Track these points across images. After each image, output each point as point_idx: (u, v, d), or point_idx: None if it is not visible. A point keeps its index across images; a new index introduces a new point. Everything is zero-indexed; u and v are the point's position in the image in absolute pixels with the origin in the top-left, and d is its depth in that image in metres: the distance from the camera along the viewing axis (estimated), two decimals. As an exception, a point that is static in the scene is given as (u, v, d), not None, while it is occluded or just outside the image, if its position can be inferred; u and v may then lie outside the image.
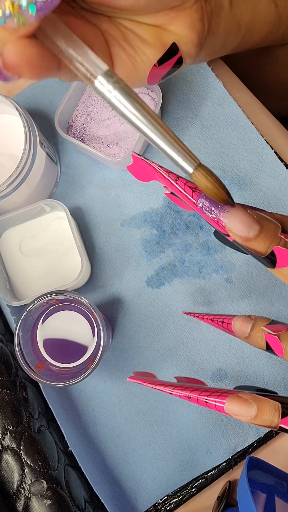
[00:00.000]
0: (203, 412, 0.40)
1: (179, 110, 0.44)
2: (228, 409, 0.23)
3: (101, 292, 0.43)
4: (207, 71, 0.44)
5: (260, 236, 0.21)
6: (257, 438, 0.39)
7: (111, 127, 0.43)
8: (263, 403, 0.22)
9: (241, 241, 0.22)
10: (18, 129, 0.39)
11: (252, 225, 0.21)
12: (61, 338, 0.38)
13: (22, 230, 0.43)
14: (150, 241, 0.43)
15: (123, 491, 0.40)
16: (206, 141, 0.43)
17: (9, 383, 0.37)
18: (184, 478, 0.39)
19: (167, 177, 0.23)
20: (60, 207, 0.40)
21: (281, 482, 0.34)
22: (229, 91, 0.44)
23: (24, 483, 0.35)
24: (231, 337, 0.40)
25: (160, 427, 0.40)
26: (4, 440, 0.35)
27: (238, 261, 0.41)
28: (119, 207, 0.44)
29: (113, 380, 0.41)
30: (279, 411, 0.22)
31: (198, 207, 0.22)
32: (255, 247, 0.22)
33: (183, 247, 0.42)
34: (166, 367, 0.41)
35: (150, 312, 0.42)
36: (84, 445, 0.40)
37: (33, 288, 0.42)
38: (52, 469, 0.36)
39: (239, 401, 0.23)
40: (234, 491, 0.39)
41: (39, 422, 0.38)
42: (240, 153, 0.43)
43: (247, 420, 0.23)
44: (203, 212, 0.22)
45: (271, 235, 0.21)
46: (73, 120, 0.44)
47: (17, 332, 0.34)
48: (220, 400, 0.23)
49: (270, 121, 0.44)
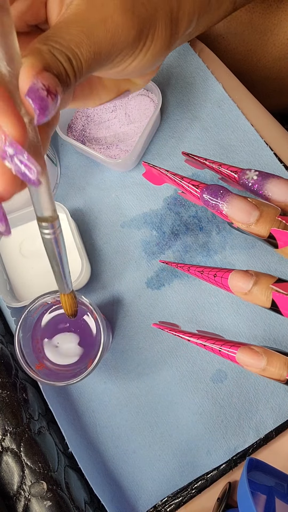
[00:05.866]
0: (203, 414, 0.40)
1: (178, 112, 0.44)
2: (239, 358, 0.24)
3: (101, 293, 0.43)
4: (207, 73, 0.44)
5: (260, 221, 0.23)
6: (257, 439, 0.39)
7: (111, 128, 0.43)
8: (274, 356, 0.24)
9: (244, 227, 0.24)
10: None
11: (252, 212, 0.23)
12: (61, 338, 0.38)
13: (22, 231, 0.43)
14: (150, 242, 0.43)
15: (123, 493, 0.40)
16: (206, 142, 0.43)
17: (9, 385, 0.37)
18: (184, 479, 0.39)
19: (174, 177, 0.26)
20: (60, 208, 0.40)
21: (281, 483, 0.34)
22: (229, 93, 0.44)
23: (24, 484, 0.35)
24: (232, 337, 0.40)
25: (160, 428, 0.40)
26: (4, 441, 0.35)
27: (238, 262, 0.42)
28: (119, 208, 0.44)
29: (113, 381, 0.41)
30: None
31: (203, 200, 0.25)
32: (256, 231, 0.24)
33: (183, 248, 0.42)
34: (166, 368, 0.41)
35: (150, 313, 0.42)
36: (84, 446, 0.40)
37: (33, 289, 0.42)
38: (52, 471, 0.36)
39: (251, 352, 0.24)
40: (234, 493, 0.39)
41: (39, 424, 0.38)
42: (240, 155, 0.43)
43: (257, 371, 0.24)
44: (207, 204, 0.25)
45: (271, 218, 0.23)
46: (73, 121, 0.44)
47: (18, 332, 0.34)
48: (233, 350, 0.24)
49: (270, 123, 0.44)
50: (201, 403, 0.40)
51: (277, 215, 0.23)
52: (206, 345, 0.26)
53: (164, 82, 0.44)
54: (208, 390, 0.40)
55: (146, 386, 0.41)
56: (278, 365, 0.23)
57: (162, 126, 0.44)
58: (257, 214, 0.23)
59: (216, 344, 0.26)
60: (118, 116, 0.43)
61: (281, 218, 0.23)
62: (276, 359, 0.24)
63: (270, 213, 0.23)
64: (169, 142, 0.44)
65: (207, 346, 0.26)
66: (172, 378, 0.41)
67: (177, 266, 0.31)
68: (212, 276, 0.27)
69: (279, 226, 0.23)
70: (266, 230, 0.23)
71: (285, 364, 0.23)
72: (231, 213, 0.24)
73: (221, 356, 0.25)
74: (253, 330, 0.40)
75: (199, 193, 0.25)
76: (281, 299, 0.23)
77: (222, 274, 0.26)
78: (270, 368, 0.23)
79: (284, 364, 0.23)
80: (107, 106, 0.43)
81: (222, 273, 0.26)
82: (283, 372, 0.23)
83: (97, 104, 0.29)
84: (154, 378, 0.41)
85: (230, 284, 0.25)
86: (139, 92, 0.43)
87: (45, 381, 0.34)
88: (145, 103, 0.42)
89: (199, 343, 0.26)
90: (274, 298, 0.24)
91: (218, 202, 0.24)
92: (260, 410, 0.39)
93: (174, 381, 0.41)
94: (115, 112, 0.43)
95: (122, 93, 0.29)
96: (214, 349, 0.26)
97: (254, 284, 0.24)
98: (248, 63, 0.52)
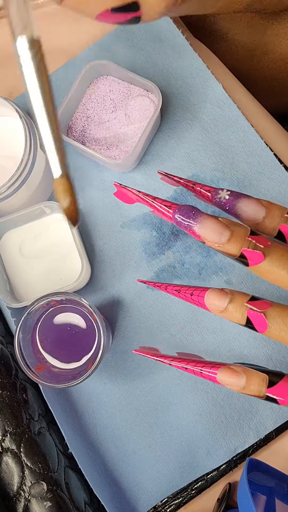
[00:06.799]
0: (203, 414, 0.40)
1: (178, 112, 0.44)
2: (220, 379, 0.25)
3: (101, 293, 0.43)
4: (207, 74, 0.44)
5: (231, 240, 0.24)
6: (257, 439, 0.39)
7: (111, 129, 0.43)
8: (252, 374, 0.25)
9: (215, 247, 0.24)
10: (19, 131, 0.39)
11: (223, 232, 0.24)
12: (61, 339, 0.38)
13: (22, 232, 0.43)
14: (150, 243, 0.43)
15: (123, 493, 0.40)
16: (206, 143, 0.43)
17: (9, 385, 0.37)
18: (184, 480, 0.39)
19: (146, 198, 0.27)
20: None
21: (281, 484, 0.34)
22: (229, 94, 0.44)
23: (24, 485, 0.35)
24: (231, 339, 0.40)
25: (160, 428, 0.40)
26: (4, 442, 0.35)
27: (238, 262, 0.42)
28: (119, 209, 0.44)
29: (113, 382, 0.41)
30: (266, 382, 0.24)
31: (175, 220, 0.25)
32: (228, 251, 0.24)
33: (183, 249, 0.42)
34: (166, 368, 0.41)
35: (150, 314, 0.42)
36: (84, 447, 0.40)
37: (33, 290, 0.42)
38: (52, 471, 0.36)
39: (230, 372, 0.25)
40: (234, 493, 0.39)
41: (39, 424, 0.38)
42: (240, 155, 0.43)
43: (237, 390, 0.25)
44: (180, 225, 0.25)
45: (241, 238, 0.24)
46: (73, 122, 0.44)
47: (17, 333, 0.34)
48: (213, 370, 0.25)
49: (270, 123, 0.44)
50: (201, 404, 0.40)
51: (247, 234, 0.24)
52: (188, 368, 0.27)
53: (164, 83, 0.44)
54: (208, 390, 0.40)
55: (146, 386, 0.41)
56: (257, 382, 0.24)
57: (162, 126, 0.44)
58: (228, 234, 0.24)
59: (196, 367, 0.26)
60: (118, 116, 0.43)
61: (251, 238, 0.24)
62: (255, 376, 0.25)
63: (240, 232, 0.24)
64: (169, 143, 0.44)
65: (189, 369, 0.27)
66: (172, 378, 0.41)
67: (154, 285, 0.31)
68: (189, 295, 0.27)
69: (249, 246, 0.24)
70: (237, 250, 0.24)
71: (263, 381, 0.24)
72: (203, 233, 0.24)
73: (203, 377, 0.26)
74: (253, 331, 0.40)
75: (172, 213, 0.26)
76: (255, 317, 0.24)
77: (198, 293, 0.27)
78: (250, 386, 0.24)
79: (262, 381, 0.24)
80: (107, 107, 0.43)
81: (199, 291, 0.27)
82: (261, 389, 0.24)
83: (98, 10, 0.27)
84: (154, 379, 0.41)
85: (207, 302, 0.26)
86: (139, 93, 0.43)
87: (45, 383, 0.34)
88: (145, 104, 0.42)
89: (181, 366, 0.27)
90: (248, 315, 0.25)
91: (190, 222, 0.25)
92: (260, 411, 0.40)
93: (174, 381, 0.41)
94: (115, 113, 0.43)
95: (129, 2, 0.27)
96: (196, 371, 0.26)
97: (229, 302, 0.25)
98: (248, 63, 0.52)
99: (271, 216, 0.25)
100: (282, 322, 0.24)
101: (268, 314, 0.24)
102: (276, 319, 0.24)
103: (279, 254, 0.24)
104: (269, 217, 0.25)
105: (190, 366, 0.27)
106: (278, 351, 0.40)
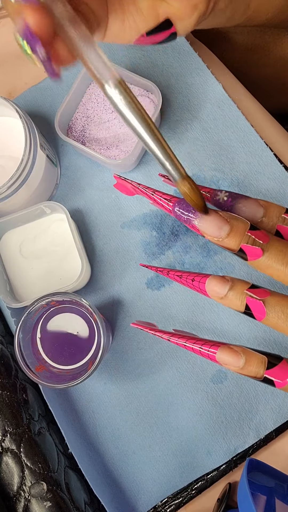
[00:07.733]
0: (203, 414, 0.40)
1: (178, 113, 0.44)
2: (219, 357, 0.25)
3: (101, 294, 0.43)
4: (207, 74, 0.44)
5: (231, 235, 0.24)
6: (257, 440, 0.39)
7: (111, 129, 0.43)
8: (251, 355, 0.25)
9: (214, 241, 0.25)
10: (19, 131, 0.39)
11: (222, 226, 0.24)
12: (61, 339, 0.38)
13: (22, 232, 0.43)
14: (150, 243, 0.43)
15: (123, 493, 0.40)
16: (206, 143, 0.43)
17: (9, 385, 0.37)
18: (184, 480, 0.39)
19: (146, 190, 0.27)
20: (60, 209, 0.40)
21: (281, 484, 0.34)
22: (229, 93, 0.44)
23: (24, 485, 0.35)
24: (231, 339, 0.40)
25: (160, 429, 0.40)
26: (4, 442, 0.35)
27: (238, 262, 0.42)
28: (119, 209, 0.44)
29: (113, 382, 0.41)
30: (265, 364, 0.24)
31: (175, 214, 0.25)
32: (227, 245, 0.24)
33: (183, 249, 0.42)
34: (166, 368, 0.41)
35: (150, 314, 0.42)
36: (84, 447, 0.40)
37: (33, 290, 0.42)
38: (52, 471, 0.36)
39: (230, 351, 0.25)
40: (234, 493, 0.39)
41: (39, 424, 0.38)
42: (240, 155, 0.43)
43: (235, 370, 0.25)
44: (179, 218, 0.25)
45: (240, 233, 0.24)
46: (73, 122, 0.44)
47: (17, 334, 0.34)
48: (213, 349, 0.25)
49: (270, 123, 0.44)
50: (201, 404, 0.40)
51: (246, 229, 0.24)
52: (187, 345, 0.27)
53: (164, 83, 0.44)
54: (208, 390, 0.40)
55: (146, 386, 0.41)
56: (256, 363, 0.25)
57: (162, 126, 0.44)
58: (227, 228, 0.24)
59: (196, 344, 0.26)
60: (118, 117, 0.43)
61: (250, 233, 0.24)
62: (254, 358, 0.25)
63: (240, 227, 0.24)
64: (169, 143, 0.44)
65: (188, 346, 0.27)
66: (172, 378, 0.41)
67: (156, 270, 0.31)
68: (190, 280, 0.27)
69: (247, 241, 0.24)
70: (236, 244, 0.24)
71: (262, 363, 0.25)
72: (203, 227, 0.24)
73: (201, 355, 0.26)
74: (253, 331, 0.40)
75: (171, 206, 0.26)
76: (254, 304, 0.25)
77: (199, 279, 0.27)
78: (248, 366, 0.25)
79: (261, 363, 0.25)
80: (107, 107, 0.43)
81: (200, 277, 0.27)
82: (260, 370, 0.24)
83: (134, 36, 0.29)
84: (154, 379, 0.41)
85: (207, 288, 0.26)
86: (139, 92, 0.43)
87: (45, 383, 0.34)
88: (145, 104, 0.42)
89: (180, 343, 0.27)
90: (248, 302, 0.25)
91: (190, 216, 0.25)
92: (260, 411, 0.40)
93: (174, 381, 0.41)
94: (115, 113, 0.43)
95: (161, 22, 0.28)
96: (195, 349, 0.26)
97: (229, 289, 0.25)
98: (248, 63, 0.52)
99: (270, 216, 0.26)
100: (281, 310, 0.24)
101: (267, 302, 0.25)
102: (274, 307, 0.24)
103: (278, 250, 0.25)
104: (267, 217, 0.26)
105: (190, 344, 0.26)
106: (278, 352, 0.40)
